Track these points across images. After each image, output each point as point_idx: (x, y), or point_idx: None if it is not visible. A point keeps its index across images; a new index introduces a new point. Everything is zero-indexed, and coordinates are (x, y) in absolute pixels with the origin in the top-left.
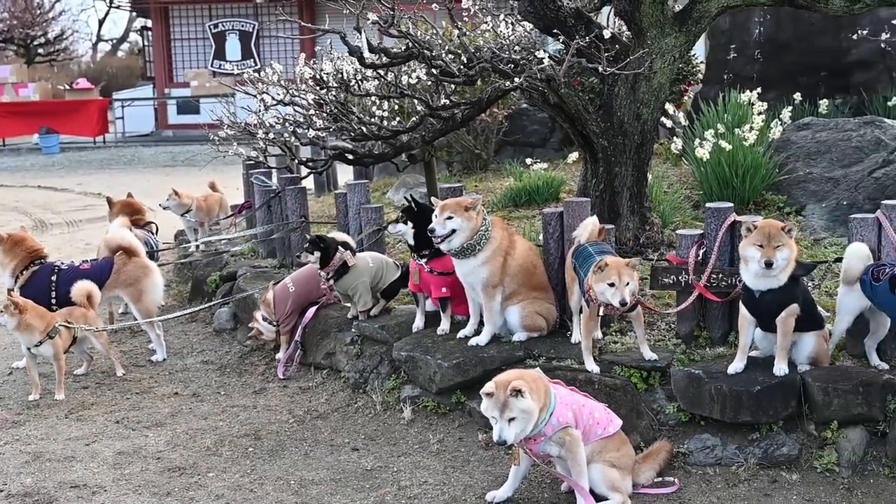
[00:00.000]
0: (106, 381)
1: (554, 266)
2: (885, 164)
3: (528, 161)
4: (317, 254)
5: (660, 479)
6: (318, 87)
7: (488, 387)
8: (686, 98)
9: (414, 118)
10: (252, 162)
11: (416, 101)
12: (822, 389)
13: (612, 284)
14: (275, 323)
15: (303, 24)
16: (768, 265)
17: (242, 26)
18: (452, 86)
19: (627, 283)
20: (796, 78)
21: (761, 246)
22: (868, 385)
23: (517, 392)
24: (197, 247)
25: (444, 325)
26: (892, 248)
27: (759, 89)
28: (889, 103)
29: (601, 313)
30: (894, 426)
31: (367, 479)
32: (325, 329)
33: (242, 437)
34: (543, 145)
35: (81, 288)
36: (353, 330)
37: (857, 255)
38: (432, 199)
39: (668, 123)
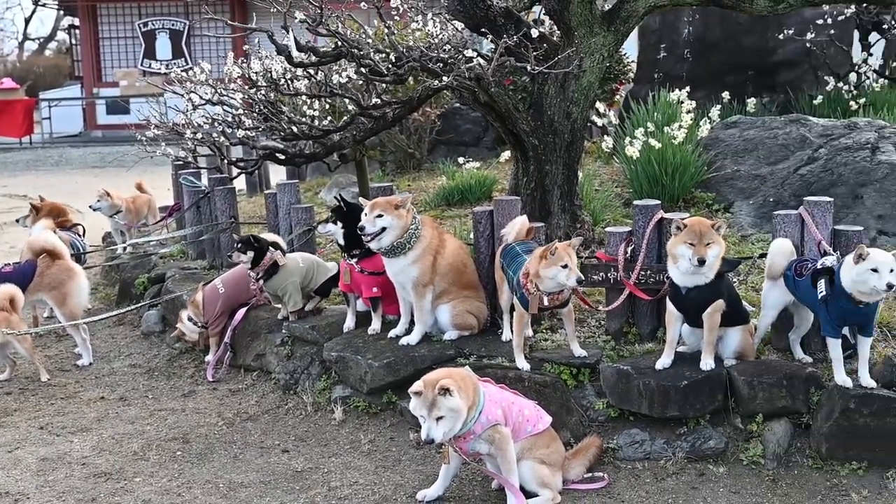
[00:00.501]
0: (30, 387)
1: (484, 264)
2: (809, 161)
3: (461, 160)
4: (250, 254)
5: (589, 474)
6: (247, 87)
7: (416, 386)
8: (618, 97)
9: (345, 117)
10: (181, 162)
11: (346, 100)
12: (747, 383)
13: (565, 266)
14: (202, 324)
15: (229, 22)
16: (701, 263)
17: (173, 25)
18: (384, 85)
19: (577, 260)
20: (724, 77)
21: (693, 244)
22: (792, 378)
23: (445, 391)
24: (124, 249)
25: (375, 325)
26: (814, 243)
27: (688, 88)
28: (814, 101)
29: (545, 304)
30: (817, 418)
31: (297, 480)
32: (255, 330)
33: (170, 440)
34: (477, 144)
35: (4, 291)
36: (283, 331)
37: (781, 250)
38: (360, 198)
39: (599, 122)
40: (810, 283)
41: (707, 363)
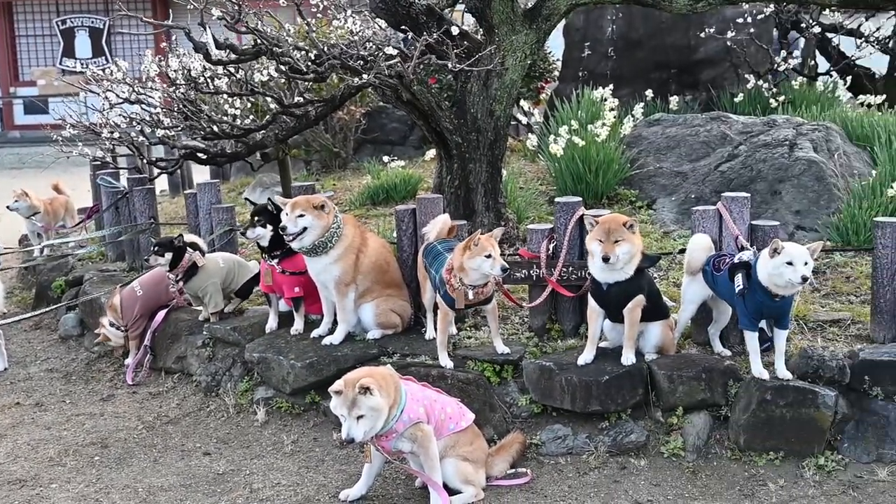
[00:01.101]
0: None
1: (408, 263)
2: (730, 158)
3: (386, 159)
4: (168, 255)
5: (513, 470)
6: (166, 85)
7: (337, 385)
8: (543, 95)
9: (267, 116)
10: (99, 163)
11: (268, 98)
12: (667, 377)
13: (489, 256)
14: (122, 328)
15: (144, 19)
16: (605, 260)
17: (92, 22)
18: (306, 83)
19: (500, 253)
20: (648, 75)
21: (601, 241)
22: (710, 371)
23: (365, 389)
24: (41, 251)
25: (298, 325)
26: (732, 238)
27: (612, 86)
28: (735, 99)
29: (470, 298)
30: (735, 410)
31: (218, 483)
32: (175, 332)
33: (88, 445)
34: (403, 143)
35: None
36: (204, 332)
37: (700, 245)
38: (276, 198)
39: (524, 120)
40: (728, 278)
41: (628, 358)
